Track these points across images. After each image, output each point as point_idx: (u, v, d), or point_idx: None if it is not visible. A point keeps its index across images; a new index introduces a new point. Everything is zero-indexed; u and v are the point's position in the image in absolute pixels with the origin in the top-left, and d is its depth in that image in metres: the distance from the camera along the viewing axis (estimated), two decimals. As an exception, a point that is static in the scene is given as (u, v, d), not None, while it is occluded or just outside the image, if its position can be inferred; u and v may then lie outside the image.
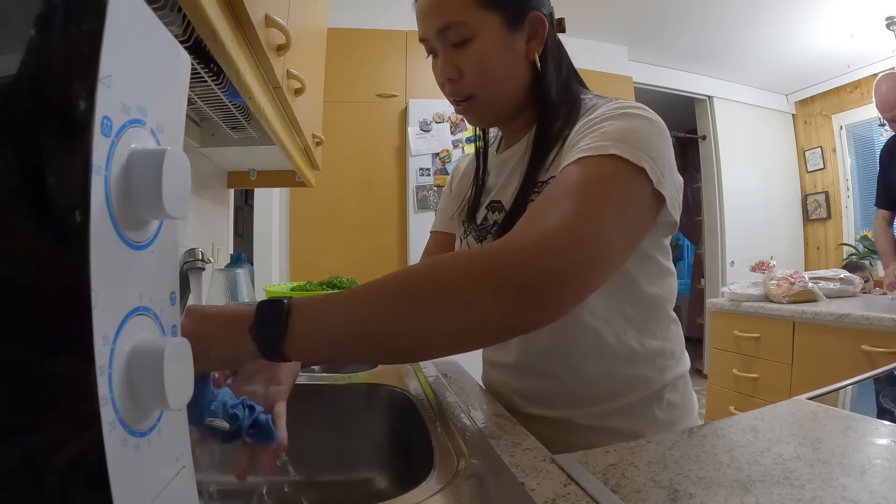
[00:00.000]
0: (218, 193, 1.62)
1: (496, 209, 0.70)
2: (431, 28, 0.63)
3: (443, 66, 0.65)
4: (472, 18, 0.61)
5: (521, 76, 0.65)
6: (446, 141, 2.77)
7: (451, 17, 0.62)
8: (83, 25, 0.22)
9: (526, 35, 0.64)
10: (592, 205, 0.46)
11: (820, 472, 0.42)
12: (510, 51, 0.63)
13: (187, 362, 0.27)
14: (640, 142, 0.51)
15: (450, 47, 0.63)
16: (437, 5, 0.63)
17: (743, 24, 3.30)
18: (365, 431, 0.79)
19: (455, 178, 0.86)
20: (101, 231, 0.23)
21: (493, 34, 0.62)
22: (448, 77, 0.65)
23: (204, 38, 0.53)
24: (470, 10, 0.61)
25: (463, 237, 0.76)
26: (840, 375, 0.77)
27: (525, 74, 0.66)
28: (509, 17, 0.63)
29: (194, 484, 0.31)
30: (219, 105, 1.02)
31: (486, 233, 0.70)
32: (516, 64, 0.65)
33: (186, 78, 0.32)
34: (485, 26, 0.62)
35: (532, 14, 0.64)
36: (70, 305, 0.21)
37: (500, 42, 0.63)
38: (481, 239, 0.71)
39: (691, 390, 0.70)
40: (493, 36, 0.62)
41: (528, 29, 0.64)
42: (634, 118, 0.55)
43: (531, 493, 0.40)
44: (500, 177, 0.72)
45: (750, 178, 4.14)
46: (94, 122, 0.22)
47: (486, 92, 0.65)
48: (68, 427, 0.21)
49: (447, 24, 0.62)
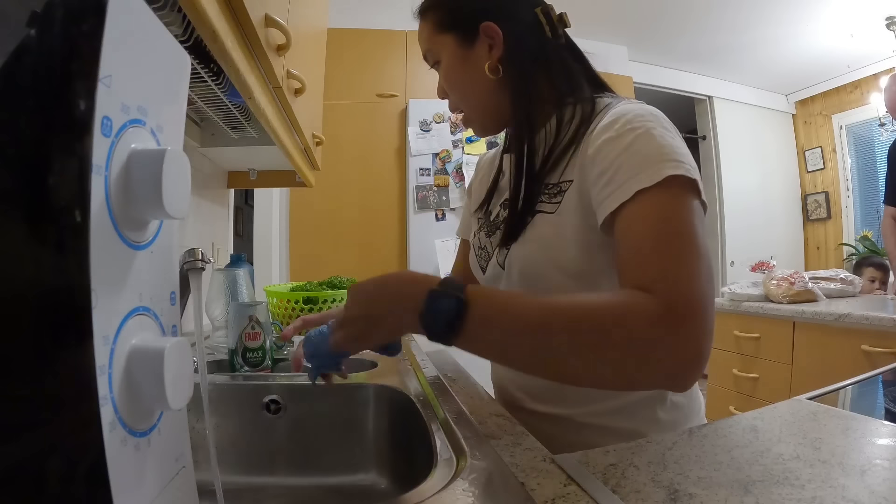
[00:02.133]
0: (218, 193, 1.62)
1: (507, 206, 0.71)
2: (423, 53, 0.73)
3: (438, 87, 0.74)
4: (434, 44, 0.70)
5: (485, 84, 0.68)
6: (446, 141, 2.77)
7: (424, 45, 0.72)
8: (83, 25, 0.22)
9: (487, 45, 0.67)
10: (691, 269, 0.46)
11: (820, 472, 0.42)
12: (468, 64, 0.68)
13: (187, 362, 0.27)
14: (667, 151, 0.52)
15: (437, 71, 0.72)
16: (419, 36, 0.73)
17: (743, 25, 3.30)
18: (365, 431, 0.79)
19: (475, 179, 0.88)
20: (101, 231, 0.23)
21: (450, 53, 0.69)
22: (440, 97, 0.74)
23: (204, 38, 0.53)
24: (432, 37, 0.70)
25: (477, 231, 0.78)
26: (840, 375, 0.77)
27: (488, 82, 0.68)
28: (462, 35, 0.68)
29: (194, 484, 0.31)
30: (219, 105, 1.02)
31: (496, 228, 0.72)
32: (476, 74, 0.68)
33: (186, 78, 0.32)
34: (443, 48, 0.70)
35: (483, 25, 0.67)
36: (70, 305, 0.21)
37: (457, 59, 0.69)
38: (490, 234, 0.74)
39: (697, 392, 0.70)
40: (450, 55, 0.69)
41: (485, 40, 0.67)
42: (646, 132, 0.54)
43: (531, 493, 0.40)
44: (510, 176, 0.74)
45: (750, 178, 4.14)
46: (94, 122, 0.22)
47: (466, 105, 0.72)
48: (68, 427, 0.21)
49: (424, 53, 0.73)
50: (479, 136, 0.79)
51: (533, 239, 0.63)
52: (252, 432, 0.80)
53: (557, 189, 0.63)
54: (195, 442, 0.35)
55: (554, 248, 0.61)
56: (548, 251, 0.61)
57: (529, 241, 0.64)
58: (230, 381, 0.85)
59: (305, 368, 0.65)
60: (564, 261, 0.60)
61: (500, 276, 0.69)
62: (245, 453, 0.80)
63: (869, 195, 3.96)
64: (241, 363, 0.91)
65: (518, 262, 0.65)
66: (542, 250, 0.62)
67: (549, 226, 0.62)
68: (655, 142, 0.53)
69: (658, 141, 0.53)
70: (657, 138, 0.54)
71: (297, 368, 0.67)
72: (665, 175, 0.50)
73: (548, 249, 0.61)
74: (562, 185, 0.62)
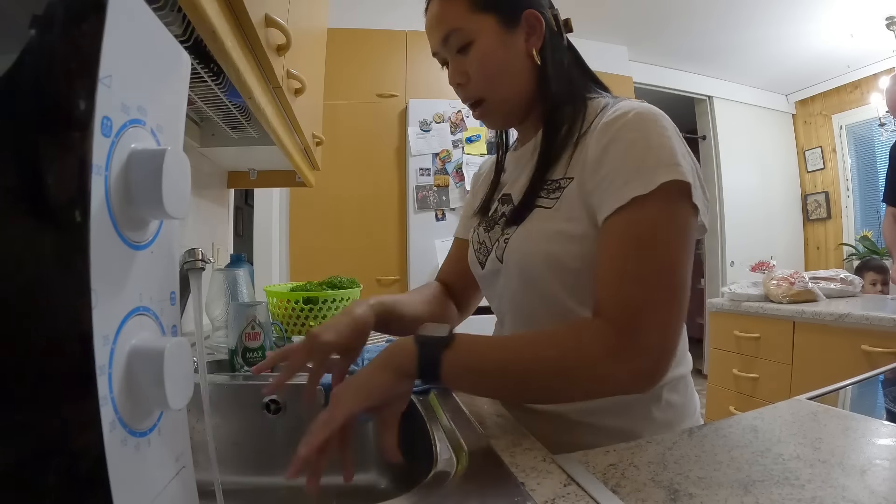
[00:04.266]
0: (218, 193, 1.62)
1: (506, 202, 0.72)
2: (436, 39, 0.68)
3: (452, 73, 0.68)
4: (469, 23, 0.65)
5: (524, 71, 0.67)
6: (446, 141, 2.77)
7: (450, 25, 0.66)
8: (83, 25, 0.22)
9: (524, 32, 0.66)
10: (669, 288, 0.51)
11: (820, 472, 0.42)
12: (509, 48, 0.66)
13: (187, 362, 0.27)
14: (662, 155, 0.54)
15: (455, 54, 0.67)
16: (438, 17, 0.67)
17: (743, 24, 3.30)
18: (365, 431, 0.79)
19: (478, 180, 0.88)
20: (101, 231, 0.23)
21: (490, 35, 0.65)
22: (457, 82, 0.68)
23: (204, 38, 0.53)
24: (466, 16, 0.65)
25: (475, 228, 0.78)
26: (840, 375, 0.77)
27: (527, 70, 0.67)
28: (504, 17, 0.65)
29: (194, 484, 0.31)
30: (219, 105, 1.02)
31: (494, 223, 0.72)
32: (516, 60, 0.66)
33: (186, 78, 0.32)
34: (482, 29, 0.65)
35: (527, 12, 0.66)
36: (70, 305, 0.21)
37: (498, 41, 0.65)
38: (489, 229, 0.73)
39: (693, 391, 0.70)
40: (490, 36, 0.65)
41: (526, 26, 0.66)
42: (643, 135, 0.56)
43: (531, 493, 0.40)
44: (512, 172, 0.75)
45: (750, 178, 4.14)
46: (94, 122, 0.22)
47: (493, 93, 0.67)
48: (68, 427, 0.21)
49: (448, 33, 0.66)
50: (493, 128, 0.74)
51: (530, 231, 0.64)
52: (252, 432, 0.80)
53: (556, 185, 0.63)
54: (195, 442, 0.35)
55: (550, 242, 0.61)
56: (543, 244, 0.62)
57: (527, 233, 0.64)
58: (230, 381, 0.85)
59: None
60: (560, 254, 0.61)
61: (498, 270, 0.69)
62: (245, 453, 0.80)
63: (869, 195, 3.96)
64: (241, 363, 0.91)
65: (516, 254, 0.65)
66: (538, 243, 0.62)
67: (546, 220, 0.62)
68: (654, 144, 0.54)
69: (656, 142, 0.54)
70: (655, 140, 0.55)
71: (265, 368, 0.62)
72: (659, 182, 0.51)
73: (544, 242, 0.62)
74: (561, 182, 0.63)
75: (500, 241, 0.68)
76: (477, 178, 0.89)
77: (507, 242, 0.66)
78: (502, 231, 0.69)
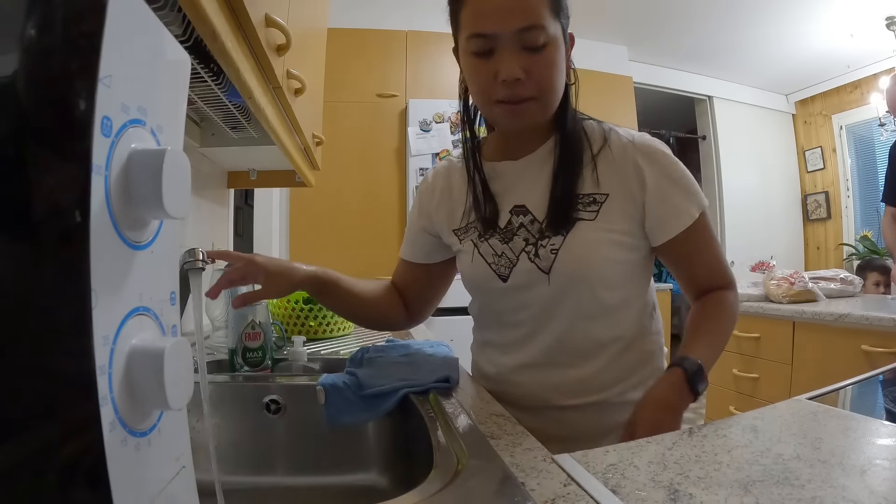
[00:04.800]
0: (218, 193, 1.63)
1: (520, 213, 0.74)
2: (511, 25, 0.63)
3: (509, 66, 0.64)
4: (551, 26, 0.65)
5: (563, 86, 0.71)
6: (446, 141, 2.77)
7: (535, 20, 0.63)
8: (83, 25, 0.22)
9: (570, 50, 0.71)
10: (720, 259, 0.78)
11: (820, 472, 0.42)
12: (564, 62, 0.69)
13: (187, 362, 0.27)
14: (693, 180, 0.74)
15: (519, 49, 0.64)
16: (521, 6, 0.64)
17: (743, 24, 3.30)
18: (365, 431, 0.79)
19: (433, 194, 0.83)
20: (101, 231, 0.23)
21: (560, 44, 0.67)
22: (517, 77, 0.65)
23: (204, 38, 0.53)
24: (550, 19, 0.65)
25: (477, 241, 0.76)
26: (840, 375, 0.77)
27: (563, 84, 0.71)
28: (564, 31, 0.68)
29: (194, 484, 0.31)
30: (219, 105, 1.02)
31: (513, 234, 0.74)
32: (564, 74, 0.70)
33: (186, 78, 0.32)
34: (557, 36, 0.66)
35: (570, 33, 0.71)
36: (70, 305, 0.21)
37: (562, 53, 0.68)
38: (507, 240, 0.74)
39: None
40: (560, 46, 0.67)
41: (571, 44, 0.71)
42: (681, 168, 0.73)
43: (531, 493, 0.40)
44: (517, 183, 0.75)
45: (750, 178, 4.14)
46: (94, 122, 0.22)
47: (546, 97, 0.68)
48: (68, 427, 0.21)
49: (530, 26, 0.63)
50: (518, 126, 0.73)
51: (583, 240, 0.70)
52: (252, 432, 0.80)
53: (591, 199, 0.71)
54: (195, 442, 0.35)
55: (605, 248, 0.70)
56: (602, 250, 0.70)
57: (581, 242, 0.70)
58: (230, 381, 0.85)
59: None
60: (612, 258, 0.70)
61: (536, 280, 0.72)
62: (245, 453, 0.80)
63: (869, 195, 3.96)
64: (241, 363, 0.91)
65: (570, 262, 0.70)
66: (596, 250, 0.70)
67: (594, 230, 0.70)
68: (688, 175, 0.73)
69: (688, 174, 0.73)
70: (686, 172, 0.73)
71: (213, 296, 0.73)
72: (705, 204, 0.73)
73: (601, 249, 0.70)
74: (596, 197, 0.71)
75: (539, 251, 0.71)
76: (430, 191, 0.84)
77: (556, 252, 0.70)
78: (536, 242, 0.71)
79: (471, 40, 0.66)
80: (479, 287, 0.78)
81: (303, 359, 0.98)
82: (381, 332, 1.34)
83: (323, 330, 1.25)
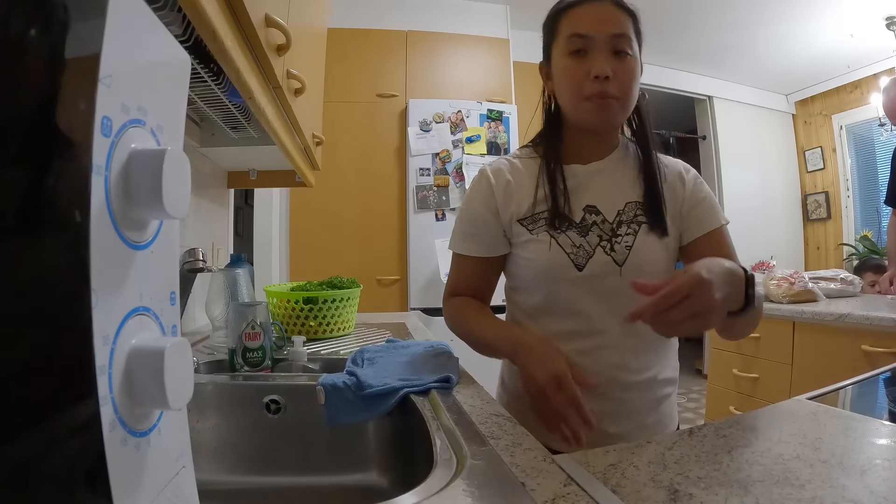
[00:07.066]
0: (218, 193, 1.62)
1: (592, 212, 0.83)
2: (609, 30, 0.76)
3: (601, 64, 0.76)
4: (632, 40, 0.78)
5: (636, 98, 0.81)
6: (446, 141, 2.77)
7: (627, 30, 0.77)
8: (83, 25, 0.22)
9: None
10: None
11: (820, 472, 0.42)
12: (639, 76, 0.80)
13: (187, 362, 0.27)
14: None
15: (611, 52, 0.76)
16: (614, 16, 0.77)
17: (743, 24, 3.30)
18: (365, 431, 0.79)
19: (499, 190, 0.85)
20: (101, 231, 0.23)
21: (638, 61, 0.79)
22: (606, 74, 0.76)
23: (204, 38, 0.53)
24: (632, 33, 0.78)
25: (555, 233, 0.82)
26: (840, 375, 0.77)
27: None
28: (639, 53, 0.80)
29: (194, 484, 0.31)
30: (219, 105, 1.02)
31: (587, 230, 0.82)
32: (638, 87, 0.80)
33: (186, 78, 0.32)
34: (637, 53, 0.79)
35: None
36: (70, 305, 0.21)
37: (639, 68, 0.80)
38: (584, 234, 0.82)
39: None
40: (638, 62, 0.79)
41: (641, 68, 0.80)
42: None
43: (531, 493, 0.40)
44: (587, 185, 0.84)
45: (750, 178, 4.14)
46: (94, 122, 0.22)
47: (626, 99, 0.79)
48: (68, 427, 0.21)
49: (623, 34, 0.77)
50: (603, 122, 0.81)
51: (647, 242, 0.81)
52: (252, 432, 0.80)
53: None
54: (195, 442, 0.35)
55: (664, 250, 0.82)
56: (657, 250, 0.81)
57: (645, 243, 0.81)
58: (230, 381, 0.85)
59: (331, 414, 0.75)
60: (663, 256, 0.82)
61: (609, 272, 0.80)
62: (245, 453, 0.80)
63: (869, 195, 3.96)
64: (241, 363, 0.91)
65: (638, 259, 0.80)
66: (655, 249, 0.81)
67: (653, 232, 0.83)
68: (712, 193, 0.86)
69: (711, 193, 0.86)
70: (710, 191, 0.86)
71: None
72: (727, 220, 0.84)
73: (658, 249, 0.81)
74: None
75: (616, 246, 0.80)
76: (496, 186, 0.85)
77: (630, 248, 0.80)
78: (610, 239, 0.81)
79: (570, 39, 0.78)
80: (552, 275, 0.81)
81: (303, 359, 0.98)
82: (381, 332, 1.34)
83: (323, 330, 1.25)
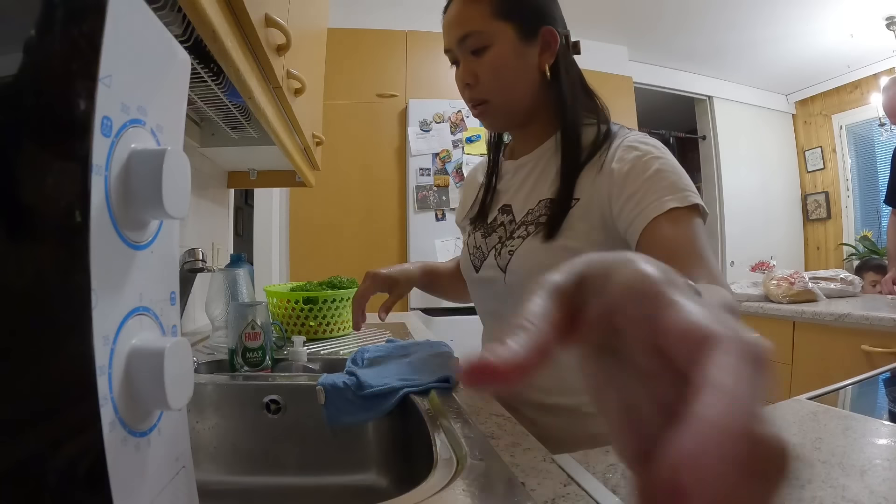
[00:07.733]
0: (218, 193, 1.62)
1: (506, 212, 0.75)
2: (453, 37, 0.70)
3: (462, 73, 0.71)
4: (489, 28, 0.68)
5: (531, 84, 0.71)
6: (446, 141, 2.77)
7: (470, 26, 0.68)
8: (83, 25, 0.22)
9: (539, 47, 0.69)
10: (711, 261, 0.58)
11: (820, 472, 0.42)
12: (522, 59, 0.69)
13: (187, 362, 0.27)
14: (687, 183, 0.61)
15: (469, 55, 0.70)
16: (458, 17, 0.70)
17: (743, 24, 3.30)
18: (365, 431, 0.79)
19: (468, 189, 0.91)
20: (101, 231, 0.23)
21: (506, 43, 0.68)
22: (466, 82, 0.71)
23: (204, 38, 0.53)
24: (487, 21, 0.68)
25: (472, 232, 0.81)
26: (840, 375, 0.77)
27: (536, 83, 0.71)
28: (523, 29, 0.68)
29: (194, 484, 0.31)
30: (219, 105, 1.02)
31: (492, 231, 0.75)
32: (527, 72, 0.70)
33: (186, 78, 0.32)
34: (500, 36, 0.68)
35: (545, 28, 0.69)
36: (70, 305, 0.21)
37: (513, 50, 0.68)
38: (487, 235, 0.76)
39: None
40: (506, 44, 0.68)
41: (541, 42, 0.69)
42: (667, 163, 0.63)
43: (531, 493, 0.40)
44: (511, 182, 0.77)
45: (750, 178, 4.13)
46: (94, 122, 0.22)
47: (499, 97, 0.71)
48: (68, 427, 0.21)
49: (467, 34, 0.69)
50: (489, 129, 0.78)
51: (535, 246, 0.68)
52: (252, 432, 0.80)
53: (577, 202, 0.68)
54: (195, 442, 0.35)
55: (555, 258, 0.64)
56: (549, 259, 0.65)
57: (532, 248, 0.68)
58: (230, 381, 0.85)
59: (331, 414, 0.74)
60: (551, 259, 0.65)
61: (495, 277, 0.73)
62: (245, 453, 0.80)
63: (869, 195, 3.96)
64: (241, 363, 0.91)
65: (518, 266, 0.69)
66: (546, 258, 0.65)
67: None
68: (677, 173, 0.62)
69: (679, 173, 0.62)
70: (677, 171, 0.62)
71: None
72: (693, 202, 0.59)
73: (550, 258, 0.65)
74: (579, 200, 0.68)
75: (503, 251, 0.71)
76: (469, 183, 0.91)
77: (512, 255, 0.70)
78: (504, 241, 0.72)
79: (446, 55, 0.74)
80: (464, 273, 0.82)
81: (303, 359, 0.98)
82: (381, 332, 1.34)
83: (323, 330, 1.25)
